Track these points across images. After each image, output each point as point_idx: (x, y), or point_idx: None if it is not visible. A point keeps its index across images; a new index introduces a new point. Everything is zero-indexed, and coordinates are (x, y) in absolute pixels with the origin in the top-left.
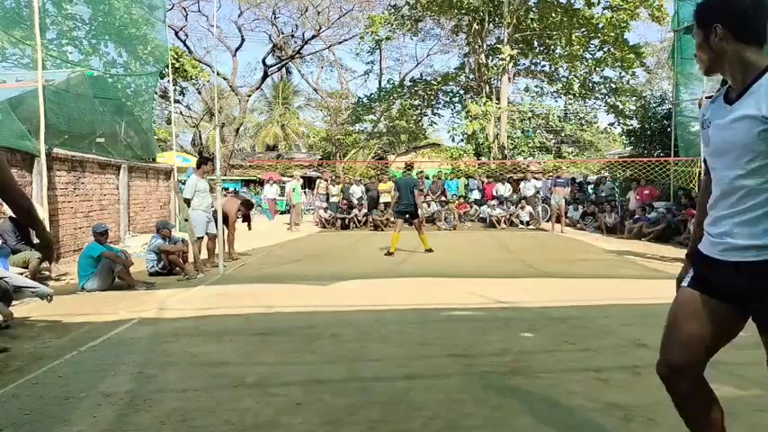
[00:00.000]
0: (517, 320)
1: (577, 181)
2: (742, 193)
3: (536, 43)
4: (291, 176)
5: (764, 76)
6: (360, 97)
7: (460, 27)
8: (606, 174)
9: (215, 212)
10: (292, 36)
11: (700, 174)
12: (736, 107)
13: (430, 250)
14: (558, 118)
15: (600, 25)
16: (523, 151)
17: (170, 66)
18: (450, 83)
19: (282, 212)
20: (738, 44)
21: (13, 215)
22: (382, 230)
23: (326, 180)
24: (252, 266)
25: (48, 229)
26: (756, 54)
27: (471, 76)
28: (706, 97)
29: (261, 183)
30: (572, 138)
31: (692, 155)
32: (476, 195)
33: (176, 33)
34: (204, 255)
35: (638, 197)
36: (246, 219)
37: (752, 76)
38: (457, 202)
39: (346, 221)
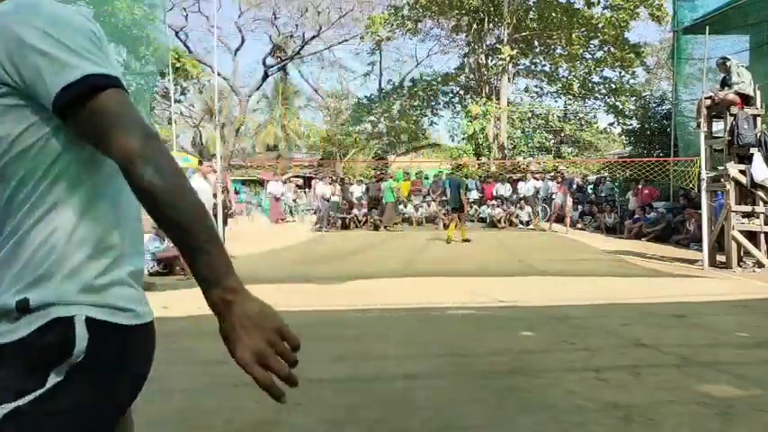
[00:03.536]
0: (517, 320)
1: (575, 182)
2: None
3: (536, 43)
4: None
5: None
6: (359, 98)
7: (460, 27)
8: (606, 174)
9: (216, 211)
10: (291, 36)
11: (699, 174)
12: None
13: (467, 240)
14: (558, 118)
15: (600, 25)
16: (523, 151)
17: (171, 66)
18: (450, 83)
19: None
20: None
21: None
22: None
23: (329, 180)
24: (252, 266)
25: None
26: None
27: (471, 77)
28: (706, 97)
29: (261, 183)
30: (572, 138)
31: (691, 155)
32: (475, 195)
33: (176, 34)
34: None
35: (637, 197)
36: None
37: None
38: None
39: (346, 221)
